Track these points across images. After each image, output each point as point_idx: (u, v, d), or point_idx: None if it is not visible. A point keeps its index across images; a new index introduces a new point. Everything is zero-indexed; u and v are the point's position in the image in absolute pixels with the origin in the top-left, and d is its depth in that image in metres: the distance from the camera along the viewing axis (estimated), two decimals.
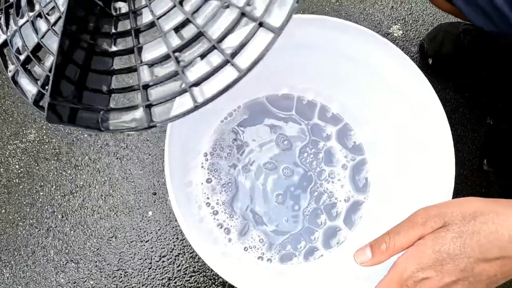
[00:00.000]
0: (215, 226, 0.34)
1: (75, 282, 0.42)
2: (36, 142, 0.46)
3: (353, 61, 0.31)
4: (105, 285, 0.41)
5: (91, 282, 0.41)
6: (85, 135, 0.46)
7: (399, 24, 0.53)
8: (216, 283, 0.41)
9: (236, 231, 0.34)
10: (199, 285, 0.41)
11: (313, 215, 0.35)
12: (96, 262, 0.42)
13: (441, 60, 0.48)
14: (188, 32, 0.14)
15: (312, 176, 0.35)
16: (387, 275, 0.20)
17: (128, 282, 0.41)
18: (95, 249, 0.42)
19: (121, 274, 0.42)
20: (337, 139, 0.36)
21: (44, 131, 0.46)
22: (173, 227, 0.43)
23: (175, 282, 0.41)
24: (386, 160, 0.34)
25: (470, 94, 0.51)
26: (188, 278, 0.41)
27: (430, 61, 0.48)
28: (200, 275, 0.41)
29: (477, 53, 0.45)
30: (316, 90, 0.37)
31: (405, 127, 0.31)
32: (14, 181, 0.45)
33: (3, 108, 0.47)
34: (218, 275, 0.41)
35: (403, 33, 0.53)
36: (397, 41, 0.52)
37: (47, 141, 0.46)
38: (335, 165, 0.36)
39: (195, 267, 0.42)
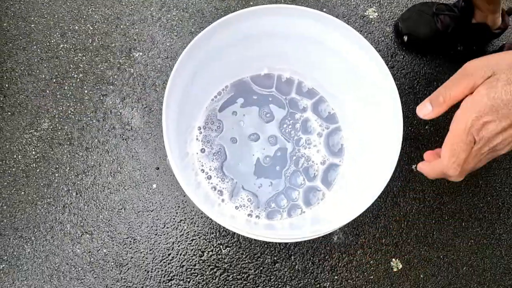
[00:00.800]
0: (209, 189, 0.40)
1: (90, 251, 0.47)
2: (50, 130, 0.52)
3: (318, 44, 0.35)
4: (117, 252, 0.47)
5: (104, 250, 0.47)
6: (94, 121, 0.52)
7: (374, 7, 0.59)
8: (215, 244, 0.47)
9: (228, 192, 0.39)
10: (200, 246, 0.46)
11: (293, 176, 0.40)
12: (108, 232, 0.47)
13: (415, 37, 0.52)
14: None
15: (291, 143, 0.40)
16: (450, 130, 0.21)
17: (137, 248, 0.47)
18: (107, 221, 0.48)
19: (130, 241, 0.47)
20: (312, 110, 0.41)
21: (56, 120, 0.52)
22: (175, 197, 0.48)
23: (178, 245, 0.46)
24: (357, 127, 0.39)
25: (444, 69, 0.56)
26: (189, 242, 0.47)
27: (406, 39, 0.53)
28: (200, 238, 0.47)
29: (450, 30, 0.50)
30: (292, 69, 0.42)
31: (366, 99, 0.36)
32: (32, 165, 0.51)
33: (18, 101, 0.54)
34: (215, 237, 0.46)
35: (378, 15, 0.58)
36: (372, 22, 0.58)
37: (59, 128, 0.52)
38: (311, 133, 0.41)
39: (195, 231, 0.47)
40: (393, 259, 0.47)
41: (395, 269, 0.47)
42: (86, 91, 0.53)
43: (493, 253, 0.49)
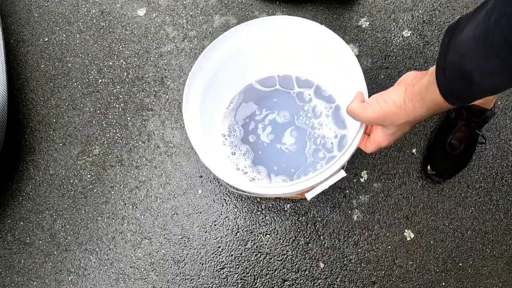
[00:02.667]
0: (249, 181, 0.47)
1: (150, 254, 0.57)
2: (101, 154, 0.62)
3: (303, 43, 0.44)
4: (174, 251, 0.57)
5: (163, 251, 0.57)
6: (140, 143, 0.62)
7: (366, 17, 0.70)
8: (256, 234, 0.57)
9: (265, 179, 0.48)
10: (244, 237, 0.57)
11: (315, 153, 0.49)
12: (164, 235, 0.57)
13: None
14: None
15: (308, 129, 0.50)
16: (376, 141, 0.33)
17: (191, 245, 0.57)
18: (162, 225, 0.58)
19: (184, 241, 0.57)
20: (315, 97, 0.50)
21: (106, 145, 0.62)
22: (219, 198, 0.59)
23: (226, 239, 0.57)
24: (346, 100, 0.45)
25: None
26: (235, 234, 0.57)
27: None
28: (243, 230, 0.57)
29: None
30: (289, 68, 0.50)
31: (342, 77, 0.44)
32: (88, 187, 0.61)
33: (67, 133, 0.64)
34: (256, 227, 0.56)
35: (369, 24, 0.69)
36: (365, 31, 0.68)
37: (109, 152, 0.62)
38: (320, 117, 0.50)
39: (239, 225, 0.57)
40: (406, 230, 0.58)
41: (408, 239, 0.57)
42: (129, 118, 0.63)
43: (492, 217, 0.58)
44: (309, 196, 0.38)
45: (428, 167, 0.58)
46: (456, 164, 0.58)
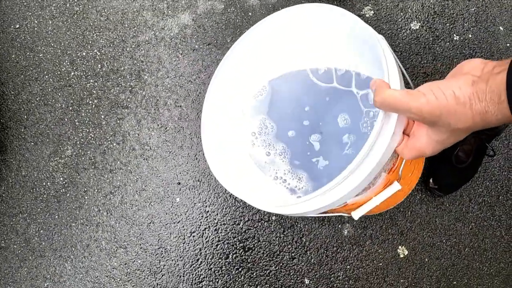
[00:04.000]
0: (288, 193, 0.39)
1: (126, 264, 0.55)
2: (73, 156, 0.58)
3: (336, 31, 0.37)
4: (150, 262, 0.54)
5: (139, 261, 0.55)
6: (114, 144, 0.58)
7: (370, 5, 0.63)
8: (238, 247, 0.54)
9: (310, 187, 0.39)
10: (224, 250, 0.54)
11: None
12: (140, 244, 0.55)
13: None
14: None
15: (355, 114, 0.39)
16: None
17: (168, 256, 0.54)
18: (138, 235, 0.55)
19: (162, 251, 0.55)
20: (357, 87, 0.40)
21: (78, 146, 0.59)
22: (198, 208, 0.55)
23: (205, 251, 0.54)
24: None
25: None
26: (215, 247, 0.54)
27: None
28: (224, 243, 0.54)
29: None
30: (329, 62, 0.41)
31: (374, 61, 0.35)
32: (61, 191, 0.58)
33: (39, 132, 0.60)
34: (238, 241, 0.53)
35: (374, 13, 0.62)
36: (369, 21, 0.62)
37: (82, 154, 0.58)
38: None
39: (219, 237, 0.54)
40: (400, 247, 0.54)
41: (401, 256, 0.54)
42: (102, 116, 0.59)
43: (493, 233, 0.55)
44: (356, 215, 0.32)
45: (430, 180, 0.54)
46: (460, 178, 0.54)
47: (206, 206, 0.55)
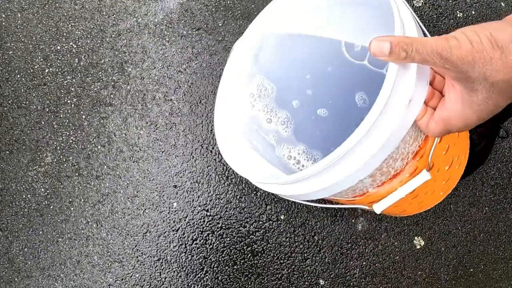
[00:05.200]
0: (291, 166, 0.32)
1: (122, 279, 0.44)
2: (54, 163, 0.46)
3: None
4: (150, 275, 0.44)
5: (137, 275, 0.44)
6: (99, 147, 0.46)
7: None
8: (245, 252, 0.44)
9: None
10: (231, 257, 0.44)
11: None
12: (137, 257, 0.44)
13: None
14: None
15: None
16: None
17: (169, 268, 0.44)
18: (133, 246, 0.44)
19: (161, 263, 0.44)
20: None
21: (59, 152, 0.47)
22: (198, 212, 0.45)
23: (210, 259, 0.44)
24: None
25: None
26: (220, 253, 0.44)
27: None
28: (230, 248, 0.44)
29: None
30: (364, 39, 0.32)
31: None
32: (44, 203, 0.46)
33: (13, 138, 0.48)
34: (245, 245, 0.43)
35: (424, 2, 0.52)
36: (417, 11, 0.51)
37: (64, 160, 0.46)
38: None
39: (224, 243, 0.44)
40: (416, 237, 0.46)
41: (418, 247, 0.46)
42: (84, 117, 0.47)
43: (506, 216, 0.48)
44: (378, 208, 0.24)
45: None
46: (475, 162, 0.46)
47: (207, 210, 0.45)
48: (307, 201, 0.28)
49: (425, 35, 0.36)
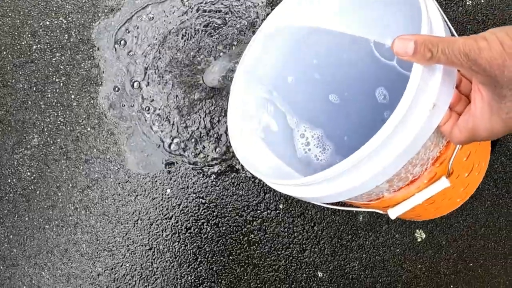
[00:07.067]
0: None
1: (112, 268, 0.41)
2: (41, 145, 0.43)
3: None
4: (141, 265, 0.41)
5: (127, 265, 0.41)
6: (88, 129, 0.43)
7: None
8: (242, 242, 0.41)
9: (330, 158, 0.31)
10: (227, 247, 0.41)
11: None
12: (128, 246, 0.41)
13: None
14: None
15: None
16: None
17: (161, 258, 0.41)
18: (124, 234, 0.41)
19: (153, 252, 0.41)
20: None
21: (46, 133, 0.43)
22: (192, 200, 0.42)
23: (205, 248, 0.41)
24: None
25: None
26: (215, 243, 0.41)
27: None
28: (226, 238, 0.41)
29: None
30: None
31: None
32: (30, 188, 0.42)
33: None
34: (241, 235, 0.40)
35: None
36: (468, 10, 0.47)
37: (51, 142, 0.43)
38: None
39: (220, 232, 0.41)
40: (417, 230, 0.44)
41: (419, 240, 0.44)
42: (73, 96, 0.43)
43: (508, 211, 0.46)
44: (393, 214, 0.23)
45: None
46: None
47: (202, 197, 0.42)
48: (321, 203, 0.26)
49: (452, 35, 0.33)
